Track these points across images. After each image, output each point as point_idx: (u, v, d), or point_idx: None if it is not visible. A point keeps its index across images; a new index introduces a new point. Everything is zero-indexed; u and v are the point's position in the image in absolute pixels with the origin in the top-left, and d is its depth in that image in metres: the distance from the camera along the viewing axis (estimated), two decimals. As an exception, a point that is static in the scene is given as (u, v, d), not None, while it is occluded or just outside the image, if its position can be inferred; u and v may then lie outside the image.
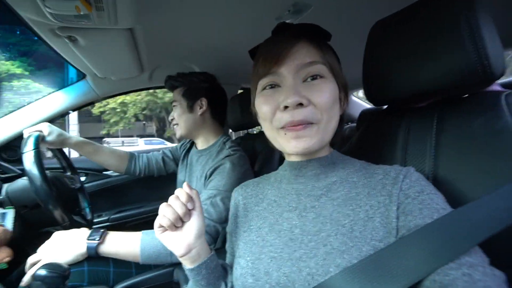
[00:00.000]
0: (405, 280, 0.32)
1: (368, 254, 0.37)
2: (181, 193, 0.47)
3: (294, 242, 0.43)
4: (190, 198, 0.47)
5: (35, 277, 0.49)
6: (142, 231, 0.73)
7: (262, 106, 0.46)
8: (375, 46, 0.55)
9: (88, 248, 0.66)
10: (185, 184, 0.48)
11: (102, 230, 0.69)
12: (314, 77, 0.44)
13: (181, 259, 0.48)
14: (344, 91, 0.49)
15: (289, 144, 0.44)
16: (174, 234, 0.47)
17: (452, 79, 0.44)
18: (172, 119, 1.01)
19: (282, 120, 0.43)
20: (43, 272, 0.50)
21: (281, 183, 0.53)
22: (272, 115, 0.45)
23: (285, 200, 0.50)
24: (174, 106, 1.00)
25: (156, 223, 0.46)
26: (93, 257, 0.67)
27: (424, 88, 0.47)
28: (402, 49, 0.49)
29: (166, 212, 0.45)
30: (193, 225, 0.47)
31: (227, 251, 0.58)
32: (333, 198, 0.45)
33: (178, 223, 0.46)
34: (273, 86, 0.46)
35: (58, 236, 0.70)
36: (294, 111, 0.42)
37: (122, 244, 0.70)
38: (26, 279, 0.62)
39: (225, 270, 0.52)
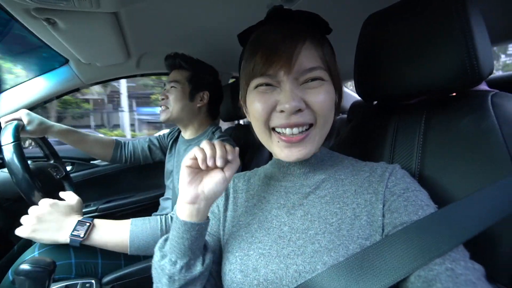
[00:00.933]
0: (390, 277, 0.34)
1: (355, 252, 0.38)
2: (227, 144, 0.45)
3: (283, 240, 0.44)
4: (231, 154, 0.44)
5: (18, 272, 0.48)
6: (131, 219, 0.71)
7: (257, 105, 0.43)
8: (367, 40, 0.54)
9: (72, 242, 0.65)
10: (236, 149, 0.46)
11: (88, 223, 0.67)
12: (313, 79, 0.42)
13: (179, 206, 0.45)
14: (339, 93, 0.48)
15: (281, 153, 0.44)
16: (195, 176, 0.44)
17: (441, 78, 0.44)
18: (163, 98, 0.96)
19: (277, 121, 0.43)
20: (26, 267, 0.49)
21: (270, 179, 0.53)
22: (267, 116, 0.43)
23: (274, 197, 0.50)
24: (172, 87, 0.94)
25: (191, 153, 0.43)
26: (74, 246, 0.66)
27: (414, 85, 0.48)
28: (393, 46, 0.49)
29: (206, 147, 0.43)
30: (215, 182, 0.43)
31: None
32: (321, 196, 0.45)
33: (211, 161, 0.42)
34: (268, 84, 0.43)
35: (46, 216, 0.66)
36: (291, 116, 0.41)
37: (110, 236, 0.68)
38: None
39: (205, 247, 0.50)
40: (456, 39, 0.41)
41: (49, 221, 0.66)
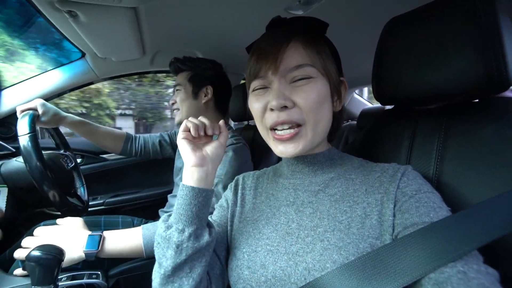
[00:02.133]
0: (402, 279, 0.33)
1: (365, 251, 0.37)
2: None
3: (291, 236, 0.44)
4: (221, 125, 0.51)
5: (29, 258, 0.48)
6: (142, 226, 0.71)
7: (254, 106, 0.47)
8: (387, 43, 0.54)
9: (87, 256, 0.64)
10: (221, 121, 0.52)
11: (99, 235, 0.66)
12: (301, 78, 0.44)
13: (188, 171, 0.46)
14: (337, 89, 0.48)
15: (276, 149, 0.46)
16: (193, 145, 0.48)
17: (465, 83, 0.43)
18: (173, 103, 0.99)
19: (269, 120, 0.45)
20: (37, 253, 0.49)
21: (279, 177, 0.53)
22: (262, 115, 0.46)
23: (283, 195, 0.50)
24: (177, 90, 0.98)
25: (183, 126, 0.48)
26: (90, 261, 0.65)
27: (435, 90, 0.47)
28: (415, 49, 0.48)
29: (194, 119, 0.48)
30: (214, 147, 0.49)
31: (212, 220, 0.56)
32: (331, 194, 0.45)
33: (202, 131, 0.48)
34: (263, 87, 0.47)
35: (56, 239, 0.65)
36: (280, 113, 0.44)
37: (124, 244, 0.67)
38: (20, 254, 0.61)
39: (209, 224, 0.49)
40: (484, 43, 0.40)
41: (59, 242, 0.64)
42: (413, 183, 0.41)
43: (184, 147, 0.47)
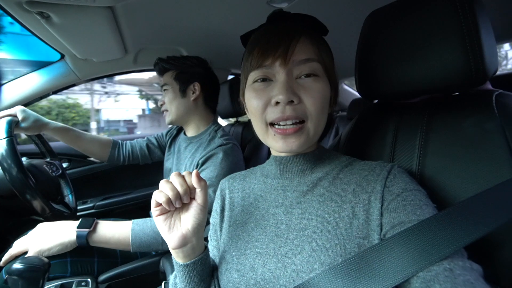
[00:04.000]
0: (388, 281, 0.33)
1: (353, 251, 0.37)
2: (186, 173, 0.43)
3: (280, 238, 0.44)
4: (195, 182, 0.41)
5: (10, 272, 0.47)
6: (132, 220, 0.72)
7: (253, 101, 0.45)
8: (368, 37, 0.53)
9: (78, 237, 0.65)
10: (195, 171, 0.42)
11: (92, 219, 0.68)
12: (307, 75, 0.43)
13: (173, 252, 0.45)
14: (335, 90, 0.48)
15: (276, 144, 0.45)
16: (171, 220, 0.43)
17: (444, 77, 0.43)
18: (162, 104, 0.97)
19: (273, 115, 0.43)
20: (19, 266, 0.48)
21: (267, 177, 0.52)
22: (262, 111, 0.44)
23: (271, 196, 0.49)
24: (165, 90, 0.96)
25: (153, 201, 0.41)
26: (82, 246, 0.66)
27: (416, 84, 0.46)
28: (395, 43, 0.48)
29: (164, 187, 0.41)
30: (194, 216, 0.42)
31: (209, 239, 0.57)
32: (319, 194, 0.45)
33: (176, 203, 0.41)
34: (264, 79, 0.44)
35: (44, 227, 0.68)
36: (285, 107, 0.42)
37: (113, 233, 0.69)
38: (5, 258, 0.61)
39: (214, 266, 0.51)
40: (461, 37, 0.39)
41: (50, 231, 0.67)
42: (399, 181, 0.41)
43: (160, 227, 0.43)
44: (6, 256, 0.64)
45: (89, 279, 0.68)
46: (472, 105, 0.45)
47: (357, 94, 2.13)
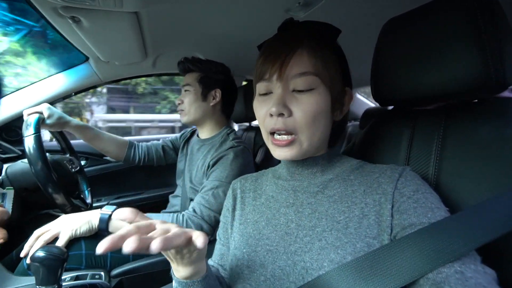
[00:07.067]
0: (399, 279, 0.33)
1: (362, 250, 0.38)
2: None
3: (290, 236, 0.44)
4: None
5: (33, 259, 0.49)
6: (148, 214, 0.72)
7: (257, 110, 0.49)
8: (385, 44, 0.54)
9: (101, 220, 0.65)
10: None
11: (115, 207, 0.69)
12: (302, 90, 0.44)
13: (175, 271, 0.43)
14: (339, 100, 0.48)
15: (274, 152, 0.48)
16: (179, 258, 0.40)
17: (463, 84, 0.43)
18: (179, 103, 1.00)
19: (269, 125, 0.46)
20: (41, 254, 0.50)
21: (278, 179, 0.53)
22: (263, 119, 0.47)
23: (282, 196, 0.50)
24: (186, 90, 0.98)
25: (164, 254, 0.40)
26: (102, 231, 0.66)
27: (433, 91, 0.46)
28: (413, 50, 0.48)
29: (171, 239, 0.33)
30: (196, 253, 0.39)
31: (217, 238, 0.58)
32: (329, 195, 0.46)
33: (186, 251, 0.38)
34: (266, 93, 0.47)
35: (68, 215, 0.68)
36: (277, 119, 0.44)
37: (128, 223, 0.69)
38: (26, 249, 0.61)
39: (219, 282, 0.48)
40: (481, 44, 0.39)
41: (76, 215, 0.67)
42: (411, 183, 0.41)
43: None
44: (27, 248, 0.64)
45: (102, 273, 0.70)
46: (491, 112, 0.44)
47: (370, 104, 2.11)
